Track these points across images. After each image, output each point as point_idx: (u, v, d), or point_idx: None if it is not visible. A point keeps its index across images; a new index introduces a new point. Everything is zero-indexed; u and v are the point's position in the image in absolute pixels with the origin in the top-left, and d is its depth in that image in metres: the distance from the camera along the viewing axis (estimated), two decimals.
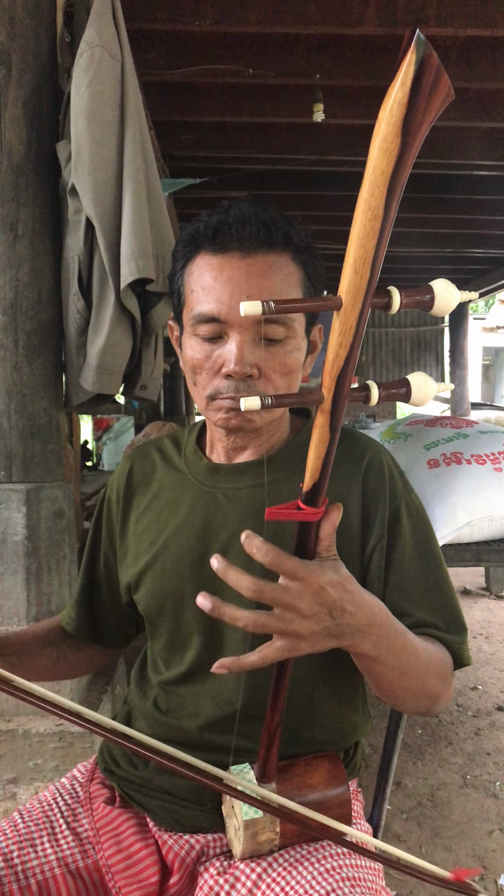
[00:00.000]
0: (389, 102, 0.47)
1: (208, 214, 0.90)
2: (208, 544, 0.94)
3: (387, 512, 0.93)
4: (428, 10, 2.61)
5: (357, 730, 0.99)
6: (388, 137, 0.48)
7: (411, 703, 0.86)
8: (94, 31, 1.72)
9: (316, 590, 0.65)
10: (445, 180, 4.79)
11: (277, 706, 0.76)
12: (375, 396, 0.59)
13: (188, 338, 0.91)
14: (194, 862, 0.92)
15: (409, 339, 10.32)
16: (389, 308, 0.56)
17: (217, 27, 2.62)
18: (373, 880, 0.84)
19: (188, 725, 0.94)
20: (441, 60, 0.46)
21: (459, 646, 0.92)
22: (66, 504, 1.91)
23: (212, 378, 0.89)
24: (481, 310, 14.87)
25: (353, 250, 0.52)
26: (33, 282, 1.84)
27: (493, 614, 4.01)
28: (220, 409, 0.89)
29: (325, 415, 0.59)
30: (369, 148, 0.50)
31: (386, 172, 0.49)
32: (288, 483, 0.95)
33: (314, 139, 3.83)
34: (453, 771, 2.33)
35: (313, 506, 0.64)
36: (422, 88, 0.46)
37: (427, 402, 0.61)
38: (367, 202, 0.50)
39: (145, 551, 0.99)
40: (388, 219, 0.51)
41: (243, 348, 0.86)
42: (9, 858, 0.90)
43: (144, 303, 1.83)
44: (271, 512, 0.64)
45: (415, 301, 0.57)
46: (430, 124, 0.49)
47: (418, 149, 0.50)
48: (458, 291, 0.57)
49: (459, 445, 2.09)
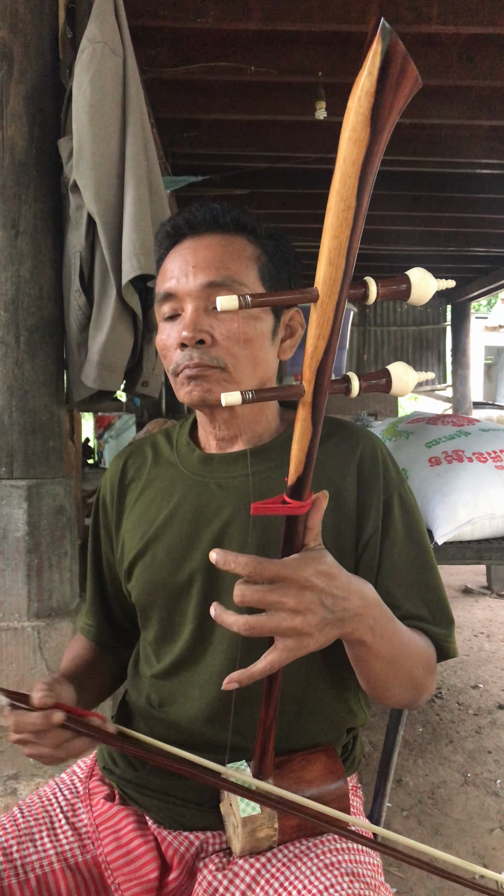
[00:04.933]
0: (357, 92, 0.47)
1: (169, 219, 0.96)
2: (200, 533, 0.94)
3: (381, 501, 0.93)
4: (430, 7, 2.60)
5: (354, 716, 0.99)
6: (357, 127, 0.48)
7: (398, 694, 0.87)
8: (96, 27, 1.72)
9: (302, 583, 0.65)
10: (447, 179, 4.79)
11: (271, 702, 0.76)
12: (356, 388, 0.58)
13: (160, 325, 0.95)
14: (193, 858, 0.92)
15: (412, 338, 10.30)
16: (367, 298, 0.56)
17: (219, 24, 2.62)
18: (372, 875, 0.84)
19: (182, 721, 0.94)
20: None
21: (446, 638, 0.92)
22: (67, 500, 1.91)
23: (172, 353, 0.92)
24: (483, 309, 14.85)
25: (327, 241, 0.52)
26: (35, 278, 1.84)
27: (494, 613, 4.01)
28: (182, 383, 0.91)
29: (306, 408, 0.59)
30: (339, 139, 0.50)
31: (357, 162, 0.49)
32: (280, 472, 0.95)
33: (316, 137, 3.83)
34: (454, 769, 2.33)
35: (298, 499, 0.64)
36: (389, 78, 0.46)
37: (408, 391, 0.60)
38: (339, 192, 0.50)
39: (137, 542, 0.99)
40: (361, 209, 0.51)
41: (194, 316, 0.89)
42: (8, 853, 0.90)
43: (146, 299, 1.83)
44: (257, 507, 0.64)
45: (391, 291, 0.57)
46: (398, 113, 0.49)
47: (388, 138, 0.49)
48: (434, 280, 0.57)
49: (461, 443, 2.09)
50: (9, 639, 1.83)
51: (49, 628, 1.83)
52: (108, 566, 1.09)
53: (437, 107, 3.37)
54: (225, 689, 0.66)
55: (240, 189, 4.54)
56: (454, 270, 8.00)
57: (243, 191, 4.60)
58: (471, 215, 5.39)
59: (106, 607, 1.11)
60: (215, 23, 2.60)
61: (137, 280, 1.75)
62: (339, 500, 0.92)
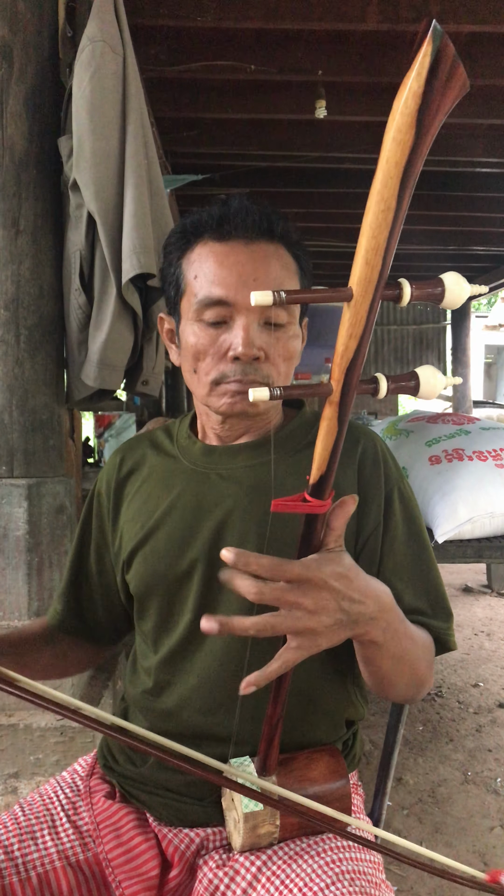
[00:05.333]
0: (404, 93, 0.46)
1: (206, 208, 0.93)
2: (201, 523, 0.94)
3: (381, 498, 0.94)
4: (430, 5, 2.60)
5: (354, 708, 1.00)
6: (402, 129, 0.47)
7: (401, 690, 0.88)
8: (96, 25, 1.72)
9: (320, 585, 0.65)
10: (448, 177, 4.78)
11: (279, 700, 0.76)
12: (384, 389, 0.58)
13: (189, 324, 0.92)
14: (194, 855, 0.92)
15: (412, 337, 10.30)
16: (400, 300, 0.56)
17: (219, 23, 2.61)
18: (373, 873, 0.84)
19: (181, 711, 0.94)
20: None
21: (445, 632, 0.93)
22: (67, 499, 1.91)
23: (217, 363, 0.90)
24: (483, 308, 14.84)
25: (364, 241, 0.52)
26: (35, 277, 1.83)
27: (494, 611, 4.01)
28: (225, 393, 0.90)
29: (333, 406, 0.58)
30: (382, 140, 0.49)
31: (399, 164, 0.48)
32: (282, 464, 0.96)
33: (316, 136, 3.82)
34: (454, 767, 2.33)
35: (320, 498, 0.64)
36: (437, 79, 0.46)
37: (435, 395, 0.60)
38: (380, 193, 0.50)
39: (137, 533, 0.99)
40: (401, 210, 0.50)
41: (250, 331, 0.87)
42: (9, 851, 0.91)
43: (146, 298, 1.83)
44: (277, 504, 0.64)
45: (426, 293, 0.56)
46: (444, 116, 0.48)
47: (432, 141, 0.49)
48: (468, 285, 0.57)
49: (461, 442, 2.09)
50: None
51: None
52: (98, 559, 1.09)
53: None
54: (243, 693, 0.66)
55: (239, 188, 4.54)
56: (454, 269, 7.91)
57: (243, 190, 4.59)
58: (471, 214, 5.38)
59: (78, 596, 1.11)
60: (215, 21, 2.60)
61: (137, 279, 1.74)
62: (340, 495, 0.92)
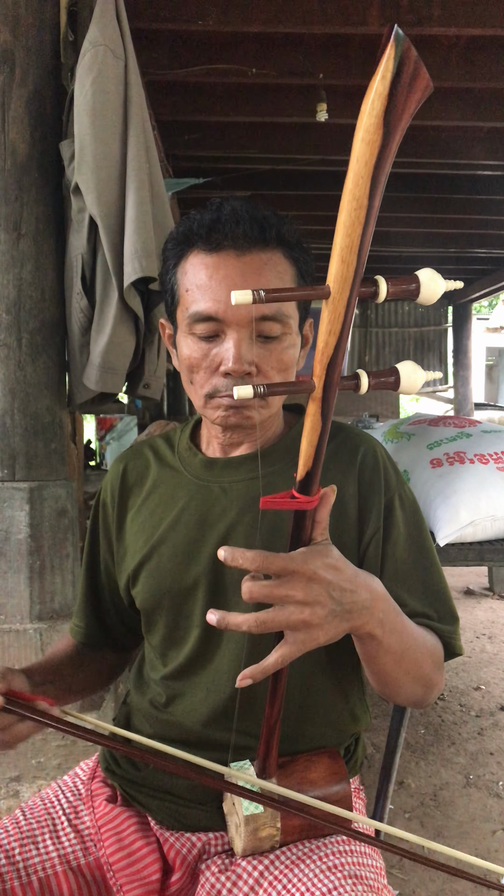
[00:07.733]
0: (371, 95, 0.49)
1: (199, 213, 0.89)
2: (205, 537, 0.94)
3: (382, 504, 0.94)
4: (431, 9, 2.60)
5: (357, 721, 0.99)
6: (370, 129, 0.50)
7: (409, 690, 0.87)
8: (98, 30, 1.72)
9: (309, 576, 0.65)
10: (449, 180, 4.79)
11: (276, 699, 0.76)
12: (365, 384, 0.59)
13: (184, 336, 0.91)
14: (196, 860, 0.92)
15: (413, 340, 10.29)
16: (376, 297, 0.57)
17: (220, 27, 2.62)
18: (375, 878, 0.84)
19: (187, 722, 0.94)
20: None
21: (451, 635, 0.93)
22: (69, 503, 1.91)
23: (209, 376, 0.89)
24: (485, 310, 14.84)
25: (339, 240, 0.53)
26: (37, 280, 1.84)
27: (496, 614, 4.00)
28: (218, 406, 0.90)
29: (316, 403, 0.60)
30: (352, 140, 0.51)
31: (369, 163, 0.51)
32: (282, 476, 0.95)
33: (317, 139, 3.83)
34: (456, 771, 2.33)
35: (307, 494, 0.65)
36: (401, 81, 0.48)
37: (416, 390, 0.61)
38: (352, 192, 0.52)
39: (142, 547, 0.99)
40: (373, 208, 0.52)
41: (241, 346, 0.85)
42: (11, 855, 0.90)
43: (147, 301, 1.84)
44: (266, 501, 0.65)
45: (401, 290, 0.58)
46: (410, 115, 0.50)
47: (400, 140, 0.51)
48: (443, 280, 0.58)
49: (462, 445, 2.09)
50: (11, 641, 1.83)
51: (51, 630, 1.83)
52: (106, 570, 1.09)
53: (437, 109, 3.37)
54: (239, 685, 0.67)
55: (241, 191, 4.54)
56: (455, 272, 7.99)
57: (245, 192, 4.60)
58: (471, 217, 5.39)
59: (96, 608, 1.11)
60: (216, 25, 2.60)
61: (139, 282, 1.75)
62: (341, 502, 0.92)
